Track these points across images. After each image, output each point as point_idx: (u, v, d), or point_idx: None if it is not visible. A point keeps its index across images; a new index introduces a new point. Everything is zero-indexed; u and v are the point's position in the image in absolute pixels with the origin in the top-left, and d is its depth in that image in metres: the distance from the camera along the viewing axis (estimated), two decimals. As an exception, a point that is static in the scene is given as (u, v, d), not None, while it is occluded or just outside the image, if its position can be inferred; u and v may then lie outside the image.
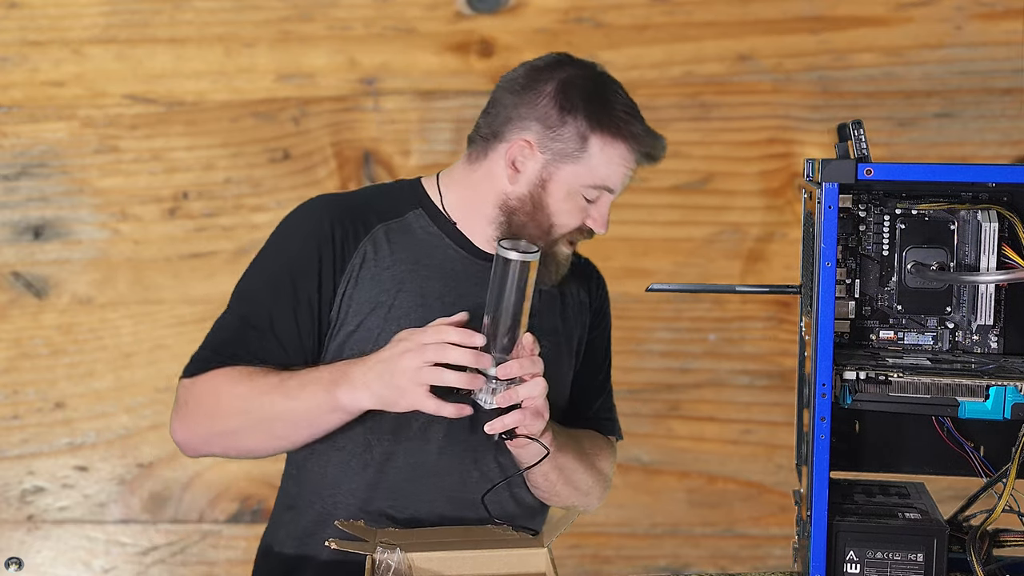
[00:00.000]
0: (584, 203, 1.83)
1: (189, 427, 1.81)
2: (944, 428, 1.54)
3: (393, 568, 1.54)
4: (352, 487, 1.80)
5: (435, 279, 1.83)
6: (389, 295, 1.80)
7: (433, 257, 1.84)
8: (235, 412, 1.75)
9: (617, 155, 1.86)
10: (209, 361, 1.80)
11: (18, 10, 2.92)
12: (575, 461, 1.85)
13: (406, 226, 1.85)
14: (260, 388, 1.73)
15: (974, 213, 1.51)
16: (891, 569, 1.47)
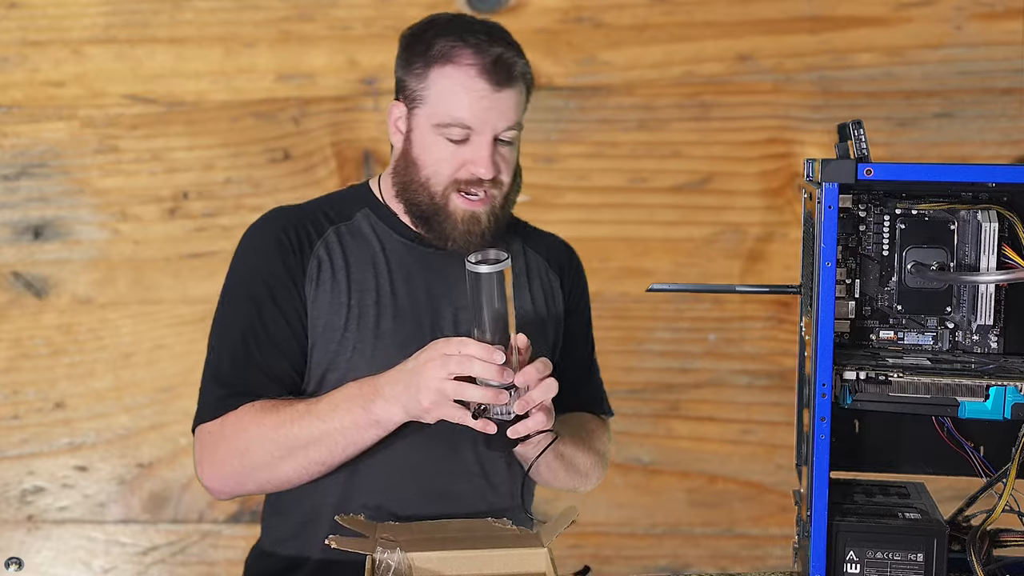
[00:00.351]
0: (452, 146, 1.79)
1: (220, 469, 1.78)
2: (944, 428, 1.54)
3: (393, 568, 1.54)
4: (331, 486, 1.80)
5: (388, 275, 1.84)
6: (346, 295, 1.82)
7: (384, 253, 1.86)
8: (268, 444, 1.73)
9: (456, 81, 1.79)
10: (225, 399, 1.78)
11: (18, 10, 2.91)
12: (574, 447, 1.86)
13: (356, 227, 1.87)
14: (289, 416, 1.73)
15: (974, 213, 1.51)
16: (891, 569, 1.47)
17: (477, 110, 1.77)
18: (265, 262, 1.82)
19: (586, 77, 2.90)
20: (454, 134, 1.78)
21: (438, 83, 1.79)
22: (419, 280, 1.85)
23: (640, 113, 2.90)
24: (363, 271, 1.84)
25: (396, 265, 1.85)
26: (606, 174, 2.91)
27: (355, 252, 1.85)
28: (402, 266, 1.86)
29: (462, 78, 1.78)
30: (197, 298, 2.94)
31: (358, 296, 1.82)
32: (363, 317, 1.81)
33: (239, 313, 1.82)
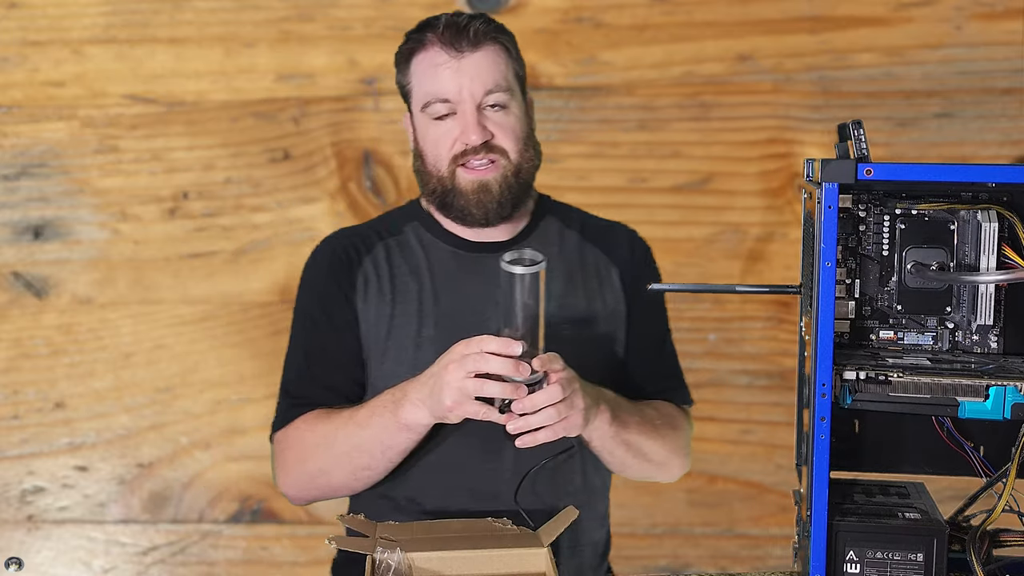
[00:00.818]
0: (442, 124, 1.85)
1: (289, 476, 1.86)
2: (944, 428, 1.54)
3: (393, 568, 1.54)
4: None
5: (431, 282, 1.89)
6: (390, 305, 1.88)
7: (429, 261, 1.91)
8: (320, 450, 1.81)
9: (426, 61, 1.87)
10: (288, 411, 1.89)
11: (18, 10, 2.92)
12: (641, 435, 1.85)
13: (404, 241, 1.94)
14: (336, 423, 1.80)
15: (974, 213, 1.51)
16: (891, 569, 1.47)
17: (446, 81, 1.83)
18: (320, 283, 1.93)
19: (586, 77, 2.90)
20: (438, 110, 1.84)
21: (416, 71, 1.87)
22: (463, 285, 1.89)
23: (640, 113, 2.90)
24: (407, 281, 1.90)
25: (440, 272, 1.90)
26: (606, 174, 2.91)
27: (401, 264, 1.92)
28: (446, 273, 1.90)
29: (429, 56, 1.85)
30: (197, 298, 2.94)
31: (401, 306, 1.88)
32: (405, 326, 1.87)
33: (300, 332, 1.94)
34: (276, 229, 2.92)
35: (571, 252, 1.96)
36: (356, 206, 2.90)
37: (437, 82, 1.84)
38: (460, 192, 1.86)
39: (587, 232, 2.00)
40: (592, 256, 1.97)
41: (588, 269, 1.95)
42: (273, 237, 2.91)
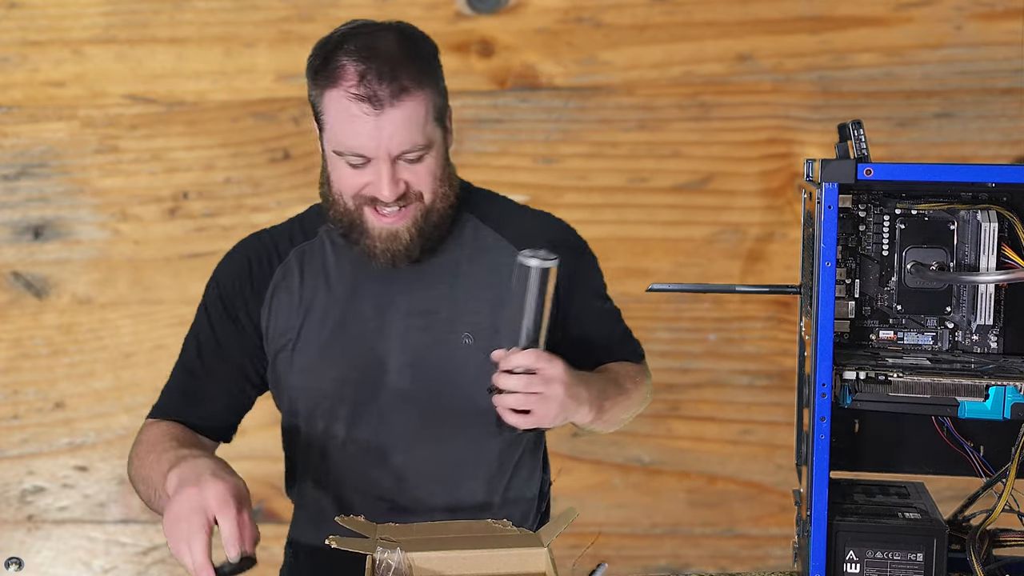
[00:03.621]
0: (352, 171, 1.74)
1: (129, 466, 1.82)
2: (944, 428, 1.54)
3: (393, 568, 1.54)
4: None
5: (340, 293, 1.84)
6: (298, 318, 1.84)
7: (339, 268, 1.85)
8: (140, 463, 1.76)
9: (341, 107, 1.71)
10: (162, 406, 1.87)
11: (18, 10, 2.92)
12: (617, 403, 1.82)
13: (318, 245, 1.87)
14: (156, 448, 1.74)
15: (974, 213, 1.50)
16: (891, 569, 1.47)
17: (363, 137, 1.70)
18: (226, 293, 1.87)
19: (586, 77, 2.90)
20: (352, 160, 1.73)
21: (329, 108, 1.73)
22: (367, 289, 1.83)
23: (640, 113, 2.90)
24: (315, 289, 1.84)
25: (347, 279, 1.84)
26: (606, 174, 2.91)
27: (311, 271, 1.86)
28: (353, 280, 1.84)
29: (344, 103, 1.70)
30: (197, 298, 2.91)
31: (307, 315, 1.84)
32: (309, 336, 1.83)
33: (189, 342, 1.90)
34: (276, 229, 2.92)
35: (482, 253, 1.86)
36: (356, 206, 2.90)
37: (352, 136, 1.71)
38: (366, 232, 1.77)
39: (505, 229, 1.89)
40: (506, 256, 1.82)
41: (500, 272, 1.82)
42: (273, 237, 2.91)
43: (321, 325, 1.83)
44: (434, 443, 1.83)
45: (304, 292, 1.84)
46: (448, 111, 1.82)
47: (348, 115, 1.70)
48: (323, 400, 1.84)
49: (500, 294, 1.82)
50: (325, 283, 1.85)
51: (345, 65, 1.70)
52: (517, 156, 2.91)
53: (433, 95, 1.74)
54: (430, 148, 1.74)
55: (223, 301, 1.86)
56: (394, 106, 1.69)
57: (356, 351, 1.82)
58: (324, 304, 1.84)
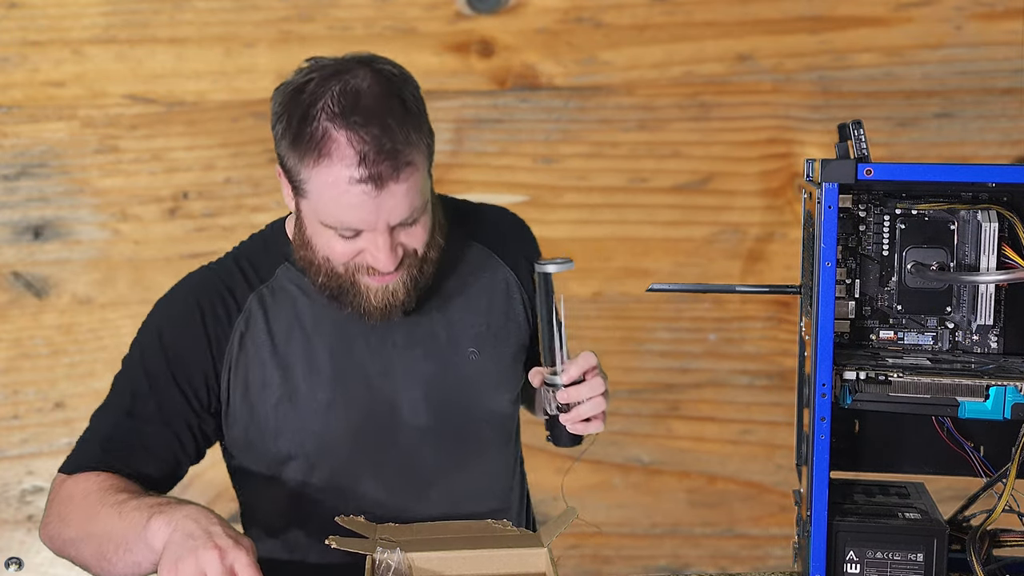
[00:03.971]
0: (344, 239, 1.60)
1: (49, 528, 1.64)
2: (944, 428, 1.54)
3: (393, 568, 1.54)
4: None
5: (319, 337, 1.71)
6: (276, 373, 1.70)
7: (312, 312, 1.71)
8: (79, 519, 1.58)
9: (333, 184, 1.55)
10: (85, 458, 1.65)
11: (18, 10, 2.92)
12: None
13: (279, 287, 1.72)
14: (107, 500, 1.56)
15: (974, 213, 1.51)
16: (891, 569, 1.47)
17: (361, 215, 1.56)
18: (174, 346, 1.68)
19: (586, 77, 2.90)
20: (344, 233, 1.60)
21: (316, 180, 1.57)
22: (356, 332, 1.71)
23: (640, 113, 2.90)
24: (290, 340, 1.70)
25: (329, 323, 1.71)
26: (606, 174, 2.91)
27: (280, 319, 1.71)
28: (335, 323, 1.71)
29: (340, 184, 1.55)
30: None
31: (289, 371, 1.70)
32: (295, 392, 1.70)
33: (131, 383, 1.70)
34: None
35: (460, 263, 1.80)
36: (356, 206, 2.90)
37: (347, 213, 1.56)
38: (359, 292, 1.64)
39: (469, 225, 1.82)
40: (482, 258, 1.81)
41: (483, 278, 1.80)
42: (273, 237, 2.91)
43: (312, 377, 1.70)
44: (457, 467, 1.79)
45: (277, 343, 1.70)
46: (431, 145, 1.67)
47: (342, 194, 1.55)
48: (337, 453, 1.72)
49: (489, 298, 1.81)
50: (301, 331, 1.71)
51: (334, 138, 1.55)
52: (517, 156, 2.91)
53: (427, 147, 1.63)
54: (426, 205, 1.64)
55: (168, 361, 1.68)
56: (397, 181, 1.56)
57: (364, 398, 1.72)
58: (307, 353, 1.70)
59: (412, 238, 1.64)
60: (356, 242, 1.61)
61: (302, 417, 1.71)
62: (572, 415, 1.65)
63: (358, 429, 1.72)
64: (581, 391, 1.64)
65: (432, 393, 1.75)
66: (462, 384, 1.77)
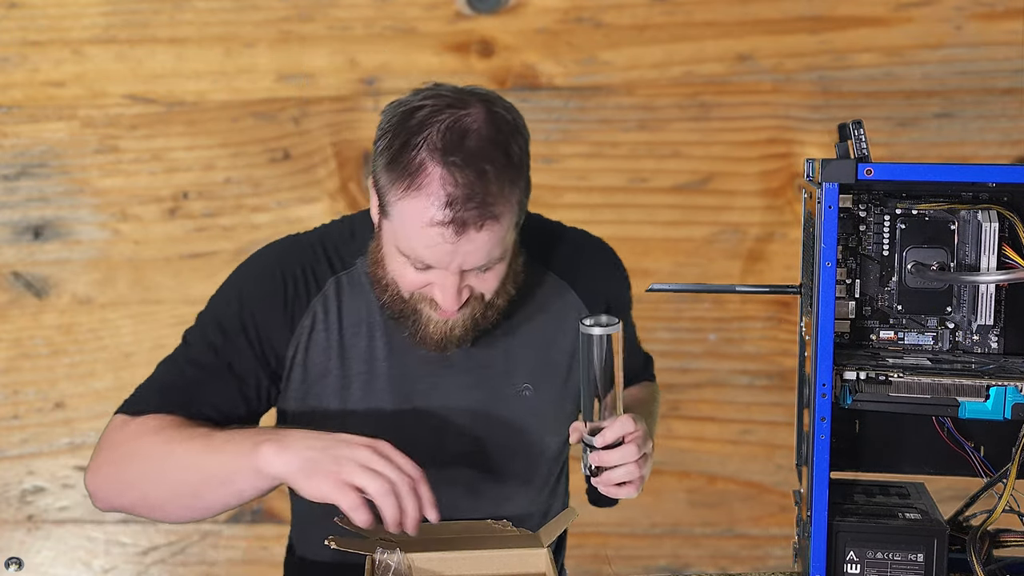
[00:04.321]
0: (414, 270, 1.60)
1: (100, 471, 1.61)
2: (944, 428, 1.54)
3: (393, 568, 1.54)
4: None
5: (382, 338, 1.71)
6: (337, 362, 1.70)
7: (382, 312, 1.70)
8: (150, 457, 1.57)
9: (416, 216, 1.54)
10: (149, 403, 1.65)
11: (18, 10, 2.92)
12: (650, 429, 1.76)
13: (355, 278, 1.72)
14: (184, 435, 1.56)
15: (974, 213, 1.50)
16: (891, 569, 1.47)
17: (438, 255, 1.56)
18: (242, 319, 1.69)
19: (586, 77, 2.90)
20: (417, 264, 1.60)
21: (402, 207, 1.56)
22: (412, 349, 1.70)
23: (640, 113, 2.90)
24: (356, 335, 1.71)
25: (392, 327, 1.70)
26: (606, 174, 2.91)
27: (351, 310, 1.71)
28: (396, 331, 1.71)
29: (423, 217, 1.53)
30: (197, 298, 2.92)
31: (348, 363, 1.71)
32: (349, 386, 1.70)
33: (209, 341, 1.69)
34: (276, 229, 2.92)
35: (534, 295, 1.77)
36: (356, 206, 2.90)
37: (422, 249, 1.56)
38: (419, 320, 1.64)
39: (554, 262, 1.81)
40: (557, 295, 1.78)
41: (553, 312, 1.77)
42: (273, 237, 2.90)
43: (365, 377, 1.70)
44: (492, 502, 1.76)
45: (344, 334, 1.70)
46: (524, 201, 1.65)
47: (423, 230, 1.54)
48: None
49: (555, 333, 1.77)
50: (368, 327, 1.71)
51: (429, 172, 1.53)
52: (517, 156, 2.90)
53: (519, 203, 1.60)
54: (504, 255, 1.62)
55: (243, 324, 1.68)
56: (479, 231, 1.54)
57: (409, 413, 1.71)
58: (368, 351, 1.71)
59: (482, 283, 1.63)
60: (426, 275, 1.60)
61: (349, 414, 1.71)
62: (603, 479, 1.59)
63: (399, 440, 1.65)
64: (613, 456, 1.57)
65: (476, 423, 1.73)
66: (509, 419, 1.74)
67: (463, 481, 1.75)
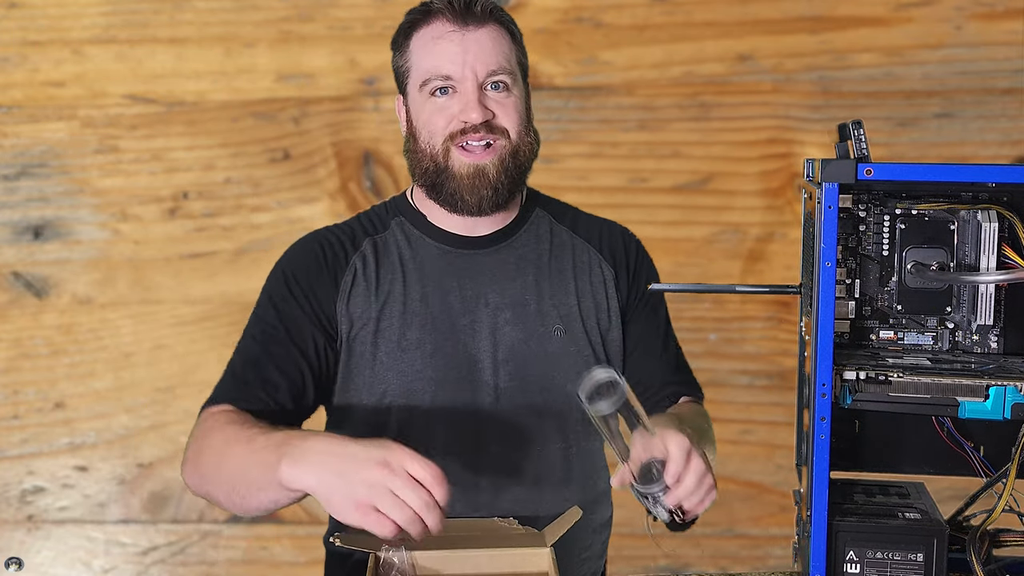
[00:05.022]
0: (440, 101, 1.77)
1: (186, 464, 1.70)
2: (944, 428, 1.54)
3: (397, 566, 1.55)
4: None
5: (418, 282, 1.82)
6: (375, 308, 1.81)
7: (415, 260, 1.84)
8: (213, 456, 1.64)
9: (428, 35, 1.79)
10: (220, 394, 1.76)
11: (18, 10, 2.92)
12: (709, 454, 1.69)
13: (391, 237, 1.86)
14: (235, 437, 1.62)
15: (974, 213, 1.51)
16: (891, 569, 1.47)
17: (451, 54, 1.76)
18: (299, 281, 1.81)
19: (586, 77, 2.90)
20: (438, 86, 1.77)
21: (416, 48, 1.80)
22: (451, 284, 1.83)
23: (640, 113, 2.90)
24: (392, 282, 1.82)
25: (428, 271, 1.83)
26: (606, 174, 2.91)
27: (386, 262, 1.84)
28: (433, 271, 1.84)
29: (433, 31, 1.78)
30: (197, 298, 2.94)
31: (386, 307, 1.81)
32: (388, 329, 1.80)
33: (251, 330, 1.81)
34: (276, 229, 2.92)
35: (562, 248, 1.90)
36: (356, 206, 2.90)
37: (439, 56, 1.77)
38: (453, 175, 1.77)
39: (579, 228, 1.94)
40: (584, 253, 1.90)
41: (580, 267, 1.90)
42: (273, 237, 2.92)
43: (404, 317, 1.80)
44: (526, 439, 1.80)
45: (381, 282, 1.82)
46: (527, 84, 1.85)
47: (433, 39, 1.77)
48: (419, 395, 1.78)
49: (585, 283, 1.88)
50: (403, 275, 1.83)
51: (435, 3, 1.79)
52: (517, 156, 2.91)
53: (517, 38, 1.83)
54: (515, 82, 1.79)
55: (291, 290, 1.80)
56: (481, 26, 1.77)
57: (449, 349, 1.80)
58: (404, 295, 1.81)
59: (503, 110, 1.78)
60: (450, 103, 1.76)
61: (390, 353, 1.79)
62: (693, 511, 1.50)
63: (440, 377, 1.79)
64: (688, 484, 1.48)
65: (514, 358, 1.81)
66: (543, 357, 1.81)
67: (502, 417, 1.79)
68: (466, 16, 1.77)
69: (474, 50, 1.76)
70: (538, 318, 1.82)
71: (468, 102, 1.75)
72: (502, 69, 1.77)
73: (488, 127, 1.76)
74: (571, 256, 1.90)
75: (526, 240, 1.88)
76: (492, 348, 1.81)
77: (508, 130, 1.78)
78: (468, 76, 1.76)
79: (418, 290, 1.82)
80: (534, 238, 1.89)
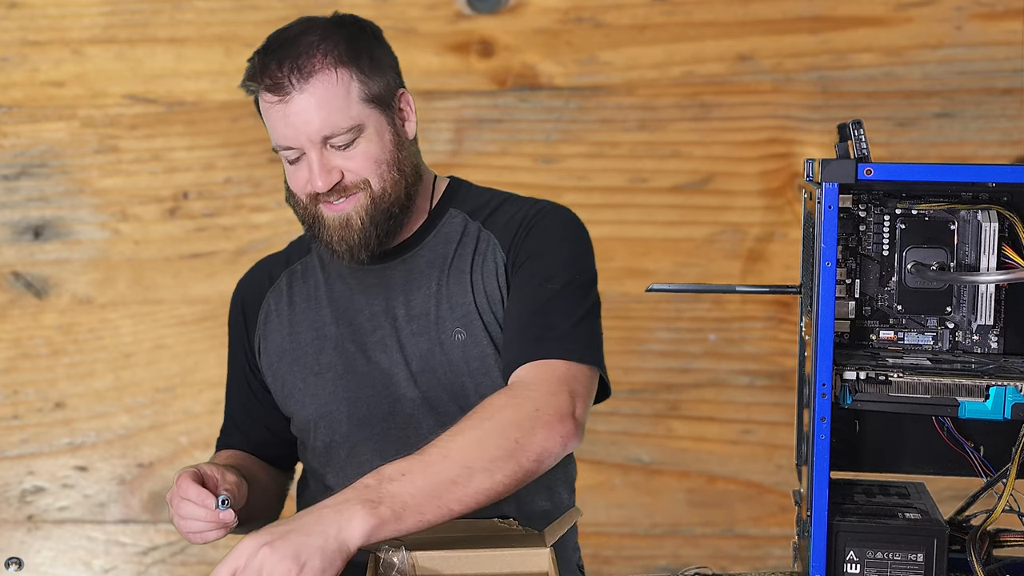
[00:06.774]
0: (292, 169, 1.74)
1: None
2: (944, 428, 1.54)
3: (396, 567, 1.55)
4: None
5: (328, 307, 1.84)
6: (288, 340, 1.85)
7: (327, 283, 1.85)
8: None
9: (263, 104, 1.73)
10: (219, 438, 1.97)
11: (18, 10, 2.92)
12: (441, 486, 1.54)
13: (310, 261, 1.89)
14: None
15: (974, 213, 1.51)
16: (891, 569, 1.47)
17: (280, 127, 1.71)
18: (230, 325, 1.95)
19: (586, 77, 2.90)
20: (287, 155, 1.74)
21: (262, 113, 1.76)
22: (361, 303, 1.82)
23: (640, 113, 2.90)
24: (305, 311, 1.85)
25: (338, 293, 1.84)
26: (606, 174, 2.91)
27: (301, 291, 1.87)
28: (344, 292, 1.84)
29: (263, 101, 1.72)
30: (197, 298, 2.94)
31: (300, 336, 1.84)
32: (304, 357, 1.83)
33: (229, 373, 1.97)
34: (276, 229, 2.92)
35: (467, 246, 1.81)
36: (356, 206, 2.90)
37: (273, 129, 1.72)
38: (323, 226, 1.75)
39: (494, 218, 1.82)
40: (485, 244, 1.80)
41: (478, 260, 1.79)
42: (273, 237, 2.91)
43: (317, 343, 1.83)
44: None
45: (295, 313, 1.85)
46: (399, 94, 1.77)
47: (265, 111, 1.72)
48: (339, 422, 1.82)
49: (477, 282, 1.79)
50: (316, 300, 1.85)
51: (255, 63, 1.73)
52: (517, 156, 2.91)
53: (358, 75, 1.71)
54: (361, 131, 1.71)
55: (229, 332, 1.94)
56: (302, 91, 1.68)
57: (361, 367, 1.81)
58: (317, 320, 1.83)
59: (353, 164, 1.71)
60: (301, 168, 1.72)
61: (305, 379, 1.82)
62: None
63: (354, 396, 1.80)
64: None
65: (423, 369, 1.79)
66: (448, 363, 1.79)
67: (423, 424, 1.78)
68: (278, 87, 1.69)
69: (301, 120, 1.69)
70: (438, 325, 1.79)
71: (312, 172, 1.71)
72: (337, 129, 1.69)
73: (340, 187, 1.72)
74: (473, 252, 1.81)
75: (434, 244, 1.83)
76: (404, 361, 1.79)
77: (366, 180, 1.73)
78: (304, 144, 1.70)
79: (330, 314, 1.83)
80: (443, 241, 1.82)
